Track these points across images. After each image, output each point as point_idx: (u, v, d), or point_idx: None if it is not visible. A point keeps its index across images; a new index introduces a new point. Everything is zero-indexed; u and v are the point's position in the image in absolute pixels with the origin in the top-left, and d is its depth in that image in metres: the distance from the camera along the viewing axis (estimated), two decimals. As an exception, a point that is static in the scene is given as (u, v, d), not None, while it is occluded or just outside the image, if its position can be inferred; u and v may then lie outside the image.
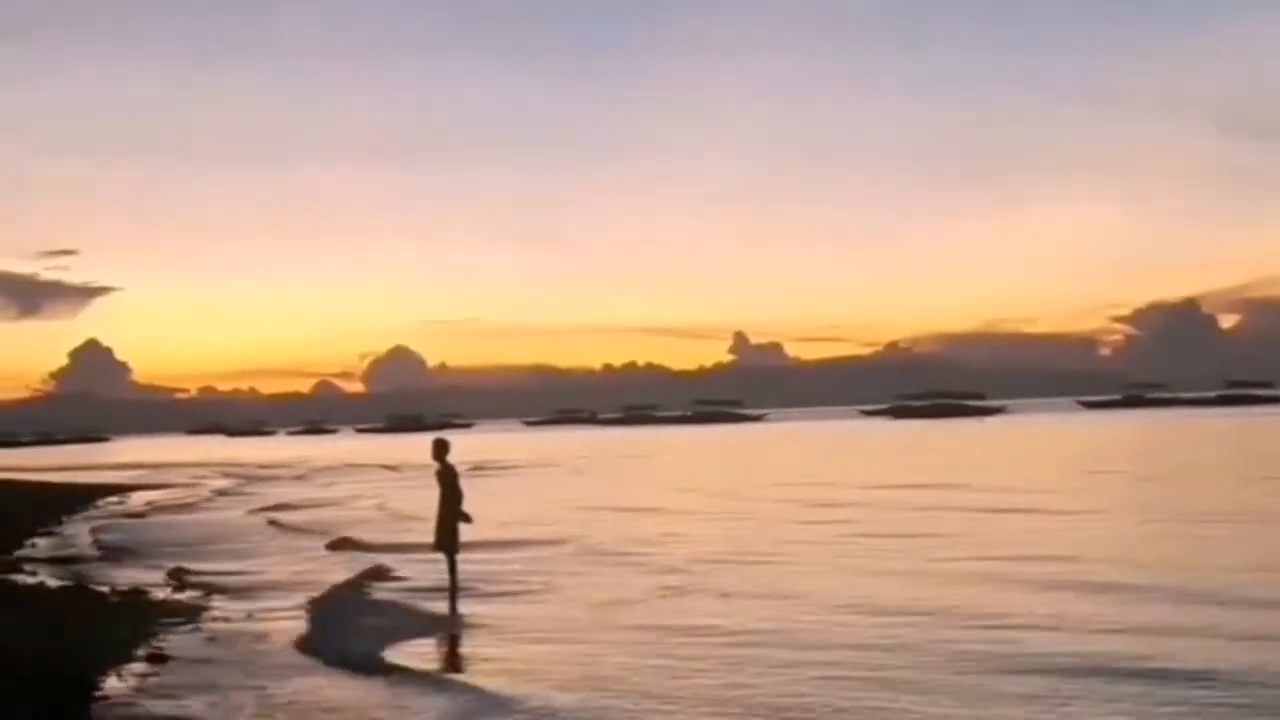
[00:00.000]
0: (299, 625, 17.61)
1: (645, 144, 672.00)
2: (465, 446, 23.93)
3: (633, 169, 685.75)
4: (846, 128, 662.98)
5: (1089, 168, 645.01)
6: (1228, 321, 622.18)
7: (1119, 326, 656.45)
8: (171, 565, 25.13)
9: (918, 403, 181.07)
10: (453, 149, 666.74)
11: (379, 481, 58.52)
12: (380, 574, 22.83)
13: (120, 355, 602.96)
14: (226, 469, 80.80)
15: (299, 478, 66.88)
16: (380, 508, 40.72)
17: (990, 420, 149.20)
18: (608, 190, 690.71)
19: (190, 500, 49.74)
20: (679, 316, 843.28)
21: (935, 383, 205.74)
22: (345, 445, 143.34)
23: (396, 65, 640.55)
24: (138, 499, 51.34)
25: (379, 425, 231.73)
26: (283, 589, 21.49)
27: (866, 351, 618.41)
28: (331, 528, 32.59)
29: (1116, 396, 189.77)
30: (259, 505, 43.78)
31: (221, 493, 53.95)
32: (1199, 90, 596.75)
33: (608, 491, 46.32)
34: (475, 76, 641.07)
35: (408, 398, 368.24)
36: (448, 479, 20.35)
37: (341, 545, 28.15)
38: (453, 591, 19.85)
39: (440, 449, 20.49)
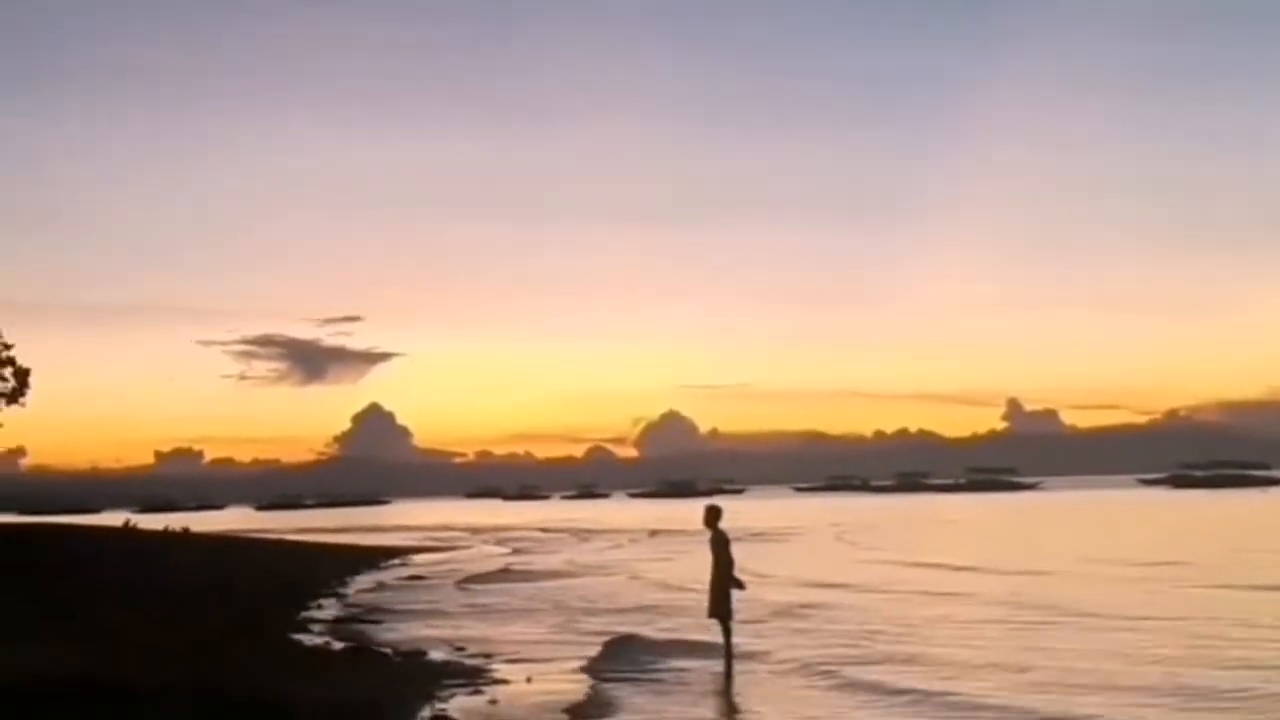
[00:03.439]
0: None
1: (915, 202, 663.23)
2: (734, 511, 24.26)
3: (903, 228, 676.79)
4: (1122, 183, 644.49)
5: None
6: None
7: None
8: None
9: (1199, 472, 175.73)
10: (724, 209, 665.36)
11: (554, 548, 62.37)
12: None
13: (401, 419, 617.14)
14: (439, 535, 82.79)
15: (500, 542, 69.72)
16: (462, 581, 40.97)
17: (1274, 491, 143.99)
18: (878, 252, 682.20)
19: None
20: (951, 382, 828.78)
21: (1217, 452, 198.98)
22: (599, 511, 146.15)
23: (666, 122, 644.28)
24: (419, 561, 52.79)
25: (650, 490, 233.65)
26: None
27: (1144, 419, 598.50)
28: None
29: None
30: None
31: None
32: None
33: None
34: (742, 134, 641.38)
35: (679, 463, 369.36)
36: (719, 546, 20.21)
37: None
38: (728, 658, 19.75)
39: (712, 515, 20.31)
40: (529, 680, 18.64)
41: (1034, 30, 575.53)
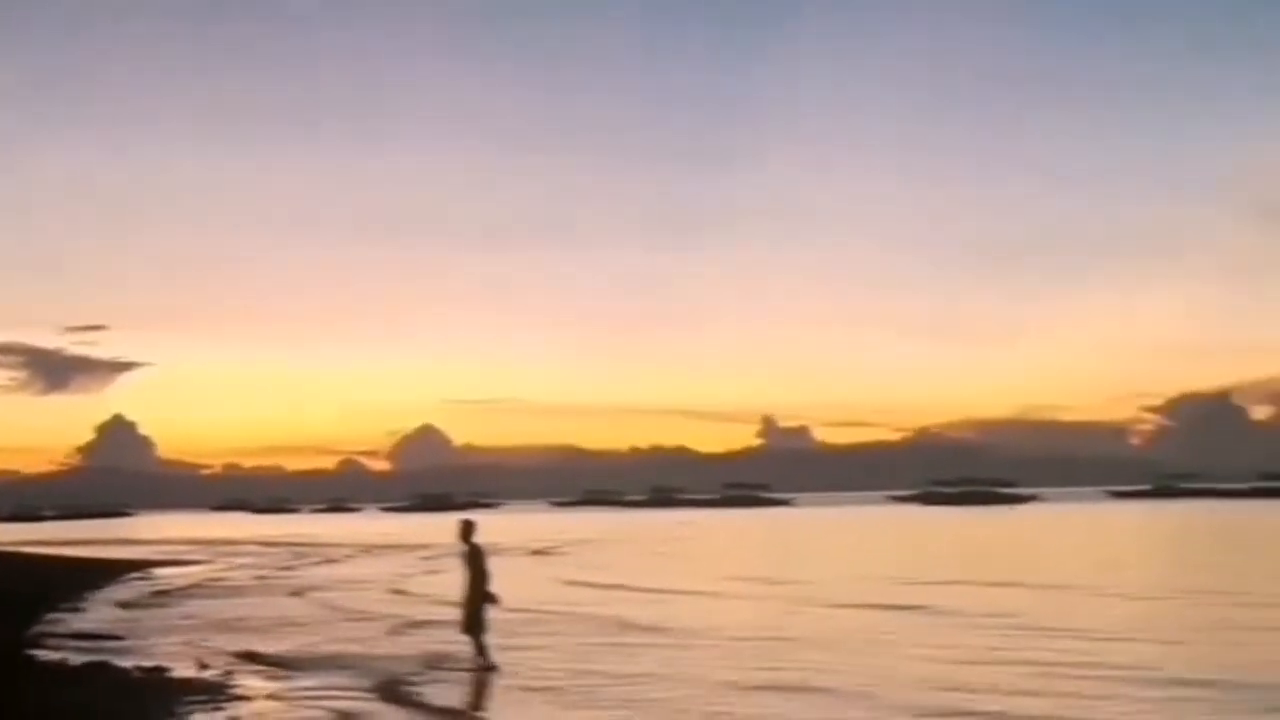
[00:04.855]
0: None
1: (683, 226, 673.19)
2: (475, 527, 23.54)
3: (668, 251, 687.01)
4: (882, 212, 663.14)
5: (1124, 256, 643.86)
6: (1260, 413, 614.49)
7: (1150, 416, 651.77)
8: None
9: (948, 489, 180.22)
10: (480, 228, 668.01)
11: (266, 564, 60.36)
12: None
13: (145, 430, 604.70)
14: (177, 549, 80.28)
15: (219, 557, 67.89)
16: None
17: (1020, 509, 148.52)
18: (643, 272, 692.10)
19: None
20: (707, 399, 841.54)
21: (966, 469, 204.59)
22: (343, 525, 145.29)
23: (426, 140, 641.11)
24: (161, 575, 51.52)
25: (405, 504, 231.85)
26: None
27: (896, 437, 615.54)
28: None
29: (1147, 486, 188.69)
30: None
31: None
32: (1238, 181, 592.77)
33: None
34: (511, 153, 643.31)
35: (434, 477, 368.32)
36: (475, 560, 20.30)
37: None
38: (481, 671, 19.78)
39: (467, 530, 20.50)
40: (270, 697, 18.26)
41: (831, 62, 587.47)
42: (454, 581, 21.45)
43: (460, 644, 20.87)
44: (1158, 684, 18.23)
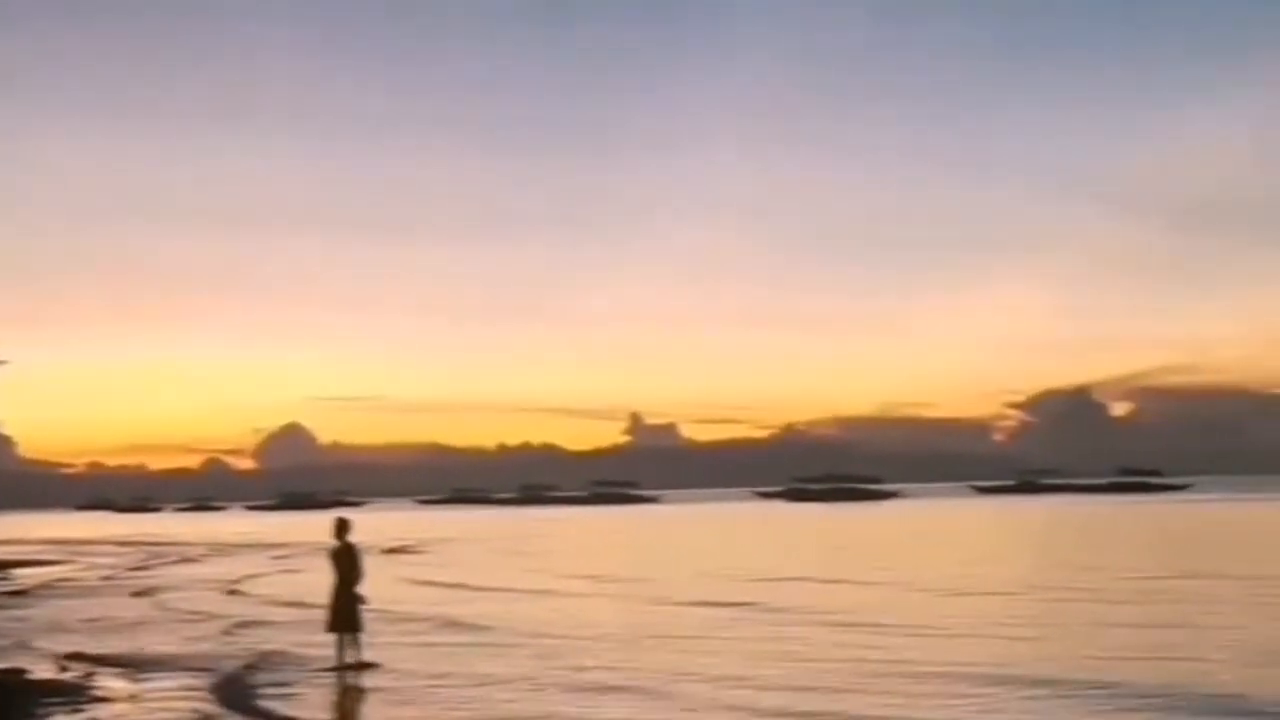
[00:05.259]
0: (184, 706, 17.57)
1: (539, 222, 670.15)
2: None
3: (526, 246, 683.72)
4: (747, 208, 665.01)
5: (988, 253, 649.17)
6: (1119, 409, 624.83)
7: (1013, 412, 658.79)
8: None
9: (814, 486, 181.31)
10: (346, 222, 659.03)
11: (120, 563, 60.13)
12: None
13: (6, 430, 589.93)
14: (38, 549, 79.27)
15: (77, 557, 67.42)
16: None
17: (885, 504, 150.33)
18: (502, 267, 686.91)
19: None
20: (575, 396, 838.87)
21: (832, 466, 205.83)
22: (205, 524, 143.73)
23: (302, 132, 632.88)
24: (17, 575, 50.90)
25: (270, 503, 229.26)
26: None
27: (763, 433, 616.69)
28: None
29: (1010, 482, 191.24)
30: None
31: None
32: (1104, 179, 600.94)
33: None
34: (388, 146, 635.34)
35: (300, 475, 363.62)
36: (347, 558, 20.59)
37: None
38: (347, 669, 20.06)
39: (341, 528, 20.78)
40: (132, 698, 18.35)
41: (705, 55, 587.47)
42: (307, 581, 21.58)
43: (309, 645, 21.08)
44: (995, 682, 18.24)
